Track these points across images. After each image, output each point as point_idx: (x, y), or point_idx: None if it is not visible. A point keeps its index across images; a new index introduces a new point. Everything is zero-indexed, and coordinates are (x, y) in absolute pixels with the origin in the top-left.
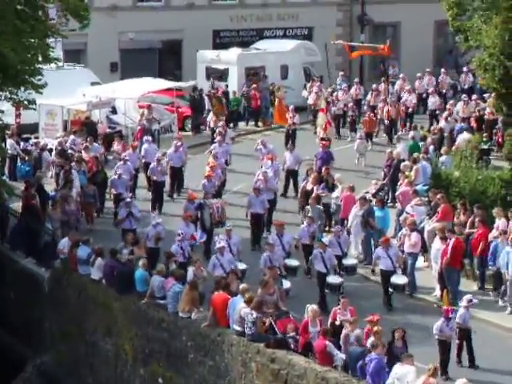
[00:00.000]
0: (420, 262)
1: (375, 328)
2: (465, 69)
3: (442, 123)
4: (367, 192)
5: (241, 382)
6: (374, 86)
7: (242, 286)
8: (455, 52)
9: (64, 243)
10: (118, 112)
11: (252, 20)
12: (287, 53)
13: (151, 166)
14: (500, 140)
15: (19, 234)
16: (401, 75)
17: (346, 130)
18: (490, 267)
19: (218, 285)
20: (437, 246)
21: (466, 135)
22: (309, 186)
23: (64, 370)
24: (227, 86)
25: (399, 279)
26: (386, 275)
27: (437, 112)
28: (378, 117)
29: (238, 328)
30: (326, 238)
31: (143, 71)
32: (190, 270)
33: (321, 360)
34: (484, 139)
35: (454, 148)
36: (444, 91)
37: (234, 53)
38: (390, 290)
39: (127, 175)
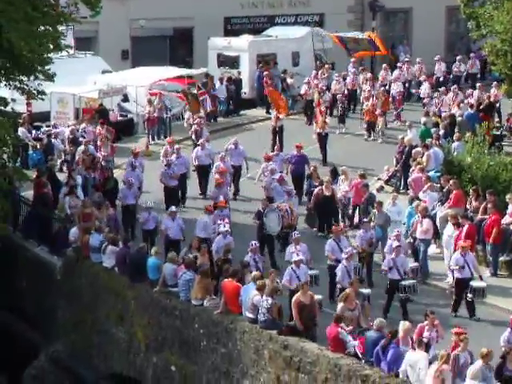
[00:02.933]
0: (432, 248)
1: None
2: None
3: (455, 109)
4: (380, 179)
5: (253, 370)
6: (368, 75)
7: (254, 273)
8: (466, 38)
9: (74, 232)
10: (129, 100)
11: (263, 7)
12: (298, 39)
13: (162, 170)
14: None
15: (31, 222)
16: (383, 65)
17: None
18: None
19: (227, 272)
20: (449, 232)
21: None
22: (326, 192)
23: (77, 358)
24: (239, 72)
25: (479, 283)
26: (464, 283)
27: (425, 100)
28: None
29: (250, 315)
30: (396, 243)
31: (154, 59)
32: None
33: (333, 347)
34: (496, 125)
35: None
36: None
37: (245, 40)
38: (469, 295)
39: (137, 183)
